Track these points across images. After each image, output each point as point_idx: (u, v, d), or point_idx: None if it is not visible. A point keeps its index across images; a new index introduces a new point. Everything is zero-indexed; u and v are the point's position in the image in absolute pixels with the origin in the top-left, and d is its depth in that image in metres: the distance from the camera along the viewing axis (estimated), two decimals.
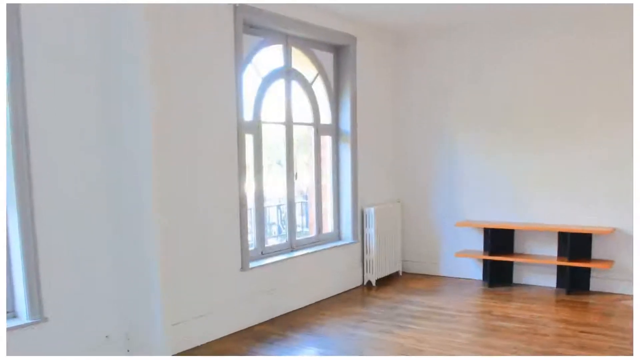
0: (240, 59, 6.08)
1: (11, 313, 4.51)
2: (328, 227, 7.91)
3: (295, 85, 7.21)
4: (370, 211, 7.92)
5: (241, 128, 6.13)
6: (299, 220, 7.84)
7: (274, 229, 8.25)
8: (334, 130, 7.85)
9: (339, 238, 7.97)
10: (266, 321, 6.46)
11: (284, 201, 7.20)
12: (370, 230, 7.95)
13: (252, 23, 6.35)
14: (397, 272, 8.62)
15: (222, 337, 5.92)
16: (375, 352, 5.48)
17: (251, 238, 6.64)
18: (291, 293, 6.85)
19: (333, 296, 7.50)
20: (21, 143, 4.38)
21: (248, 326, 6.25)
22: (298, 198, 7.67)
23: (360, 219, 8.01)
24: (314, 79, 7.54)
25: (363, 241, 8.05)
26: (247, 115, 6.39)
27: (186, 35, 5.52)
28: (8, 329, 4.30)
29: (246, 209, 6.26)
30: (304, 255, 7.13)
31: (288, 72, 7.06)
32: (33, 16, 4.39)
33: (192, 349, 5.59)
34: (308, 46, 7.35)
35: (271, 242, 7.22)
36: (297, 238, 7.35)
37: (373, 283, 8.00)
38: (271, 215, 8.02)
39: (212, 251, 5.87)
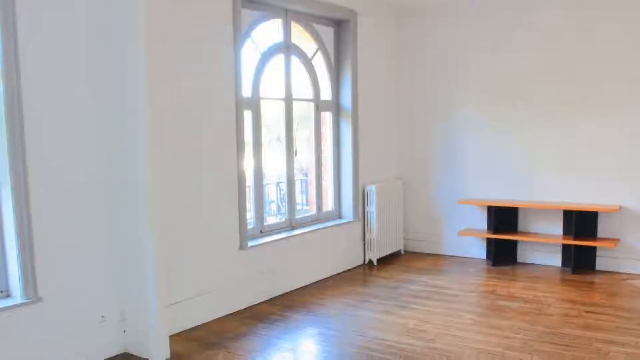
0: (238, 34, 5.96)
1: (5, 292, 4.42)
2: (328, 205, 7.82)
3: (294, 60, 7.09)
4: (371, 189, 7.81)
5: (240, 104, 6.03)
6: (299, 198, 7.76)
7: (274, 207, 8.17)
8: (335, 106, 7.73)
9: (340, 216, 7.87)
10: (266, 301, 6.39)
11: (284, 179, 7.10)
12: (371, 208, 7.85)
13: None
14: (399, 251, 8.54)
15: (221, 317, 5.85)
16: (377, 332, 5.39)
17: (250, 216, 6.55)
18: (291, 272, 6.77)
19: (334, 275, 7.43)
20: (14, 118, 4.25)
21: (247, 306, 6.18)
22: (298, 175, 7.58)
23: (361, 197, 7.91)
24: (314, 54, 7.42)
25: (364, 219, 7.96)
26: (246, 91, 6.29)
27: (183, 8, 5.39)
28: (1, 309, 4.21)
29: (245, 187, 6.17)
30: (304, 233, 7.04)
31: (287, 47, 6.93)
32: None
33: (190, 329, 5.52)
34: (308, 20, 7.21)
35: (270, 221, 7.12)
36: (297, 216, 7.25)
37: (374, 262, 7.91)
38: (270, 193, 7.93)
39: (210, 230, 5.78)
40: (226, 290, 5.95)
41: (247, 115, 6.34)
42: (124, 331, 4.98)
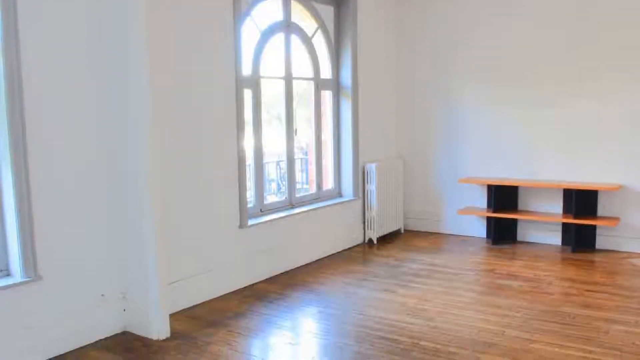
0: (238, 12, 5.91)
1: (5, 271, 4.42)
2: (328, 184, 7.80)
3: (294, 39, 7.04)
4: (371, 167, 7.79)
5: (240, 83, 6.00)
6: (299, 176, 7.74)
7: (273, 186, 8.16)
8: (335, 85, 7.69)
9: (340, 195, 7.86)
10: (266, 279, 6.39)
11: (284, 157, 7.07)
12: (371, 187, 7.83)
13: None
14: (399, 230, 8.53)
15: (221, 296, 5.85)
16: (377, 311, 5.39)
17: (250, 195, 6.54)
18: (291, 251, 6.77)
19: (334, 254, 7.43)
20: (15, 97, 4.22)
21: (247, 284, 6.18)
22: (298, 154, 7.55)
23: (361, 176, 7.89)
24: (314, 33, 7.36)
25: (364, 198, 7.94)
26: (246, 70, 6.25)
27: None
28: (1, 288, 4.21)
29: (245, 166, 6.15)
30: (304, 212, 7.03)
31: (288, 26, 6.87)
32: None
33: (190, 308, 5.52)
34: None
35: (270, 199, 7.11)
36: (297, 195, 7.24)
37: (374, 241, 7.91)
38: (270, 171, 7.92)
39: (210, 208, 5.77)
40: (226, 268, 5.95)
41: (247, 94, 6.30)
42: (124, 310, 4.98)
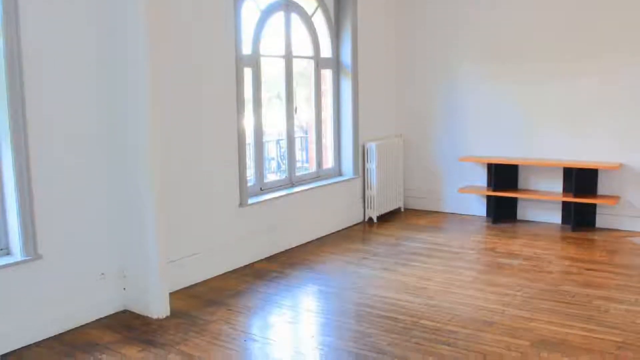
0: None
1: (4, 250, 4.42)
2: (328, 163, 7.79)
3: (294, 17, 6.99)
4: (371, 146, 7.77)
5: (240, 62, 5.97)
6: (299, 155, 7.73)
7: (273, 165, 8.14)
8: (335, 63, 7.64)
9: (340, 173, 7.84)
10: (266, 258, 6.39)
11: (284, 136, 7.05)
12: (371, 165, 7.81)
13: None
14: (399, 209, 8.53)
15: (221, 274, 5.86)
16: (377, 290, 5.40)
17: (250, 174, 6.53)
18: (291, 229, 6.77)
19: (334, 233, 7.43)
20: (14, 72, 4.20)
21: (247, 263, 6.18)
22: (298, 133, 7.53)
23: (361, 154, 7.87)
24: (314, 12, 7.32)
25: (364, 177, 7.93)
26: (246, 48, 6.23)
27: None
28: (1, 266, 4.21)
29: (245, 144, 6.14)
30: (304, 191, 7.02)
31: (287, 5, 6.82)
32: None
33: (190, 287, 5.52)
34: None
35: (270, 178, 7.10)
36: (297, 174, 7.23)
37: (374, 219, 7.91)
38: (270, 150, 7.90)
39: (210, 187, 5.76)
40: (226, 247, 5.94)
41: (247, 72, 6.28)
42: (124, 289, 4.99)
